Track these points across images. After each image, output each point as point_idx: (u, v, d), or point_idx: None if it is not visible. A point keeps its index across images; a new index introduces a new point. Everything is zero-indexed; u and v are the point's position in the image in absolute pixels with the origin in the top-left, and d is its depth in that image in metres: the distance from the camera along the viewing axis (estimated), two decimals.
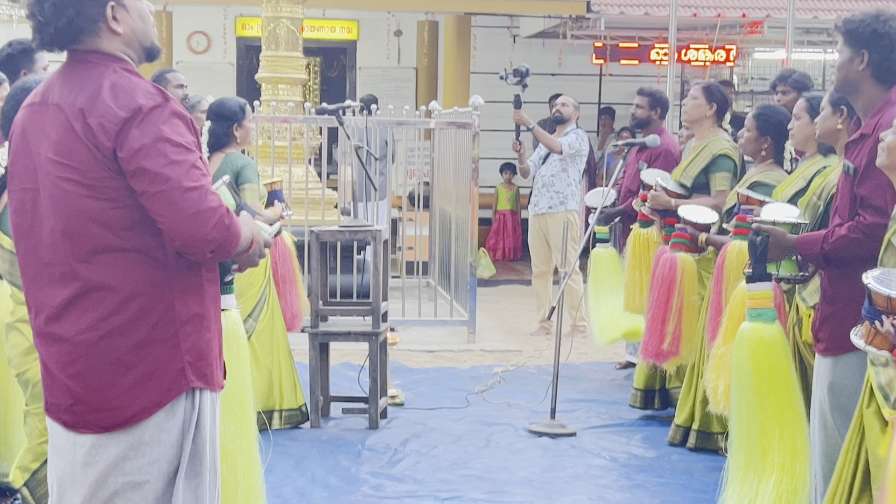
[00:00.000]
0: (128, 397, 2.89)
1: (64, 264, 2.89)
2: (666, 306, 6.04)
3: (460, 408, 7.05)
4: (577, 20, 13.46)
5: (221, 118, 6.23)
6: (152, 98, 2.86)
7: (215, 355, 3.05)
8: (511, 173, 14.16)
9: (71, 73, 2.94)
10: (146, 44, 3.02)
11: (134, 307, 2.88)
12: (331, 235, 6.69)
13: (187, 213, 2.81)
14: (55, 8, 2.87)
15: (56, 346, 2.92)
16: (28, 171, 2.94)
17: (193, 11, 14.42)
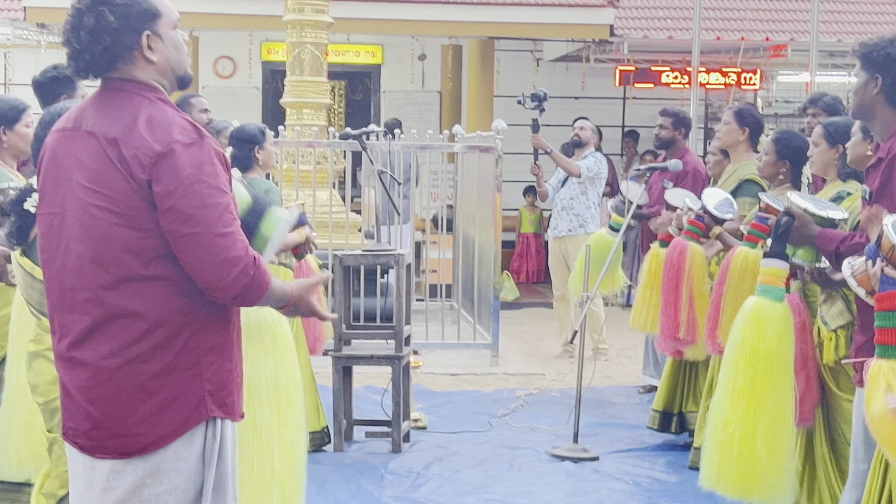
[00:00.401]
0: (147, 424, 2.90)
1: (89, 290, 2.89)
2: (676, 293, 6.05)
3: (483, 431, 7.06)
4: (600, 44, 13.51)
5: (242, 142, 6.29)
6: (188, 134, 2.88)
7: (237, 385, 3.06)
8: (534, 196, 14.18)
9: (105, 100, 2.96)
10: (179, 72, 3.04)
11: (158, 335, 2.89)
12: (354, 259, 6.73)
13: (214, 259, 2.84)
14: (91, 36, 2.90)
15: (77, 370, 2.93)
16: (57, 195, 2.96)
17: (219, 36, 14.54)
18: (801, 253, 4.39)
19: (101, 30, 2.89)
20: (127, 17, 2.91)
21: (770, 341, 4.33)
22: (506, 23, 13.04)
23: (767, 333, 4.34)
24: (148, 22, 2.95)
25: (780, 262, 4.38)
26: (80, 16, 2.91)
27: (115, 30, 2.90)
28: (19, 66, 14.31)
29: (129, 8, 2.92)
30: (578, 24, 13.03)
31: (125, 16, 2.91)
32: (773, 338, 4.34)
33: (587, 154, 9.32)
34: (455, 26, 13.21)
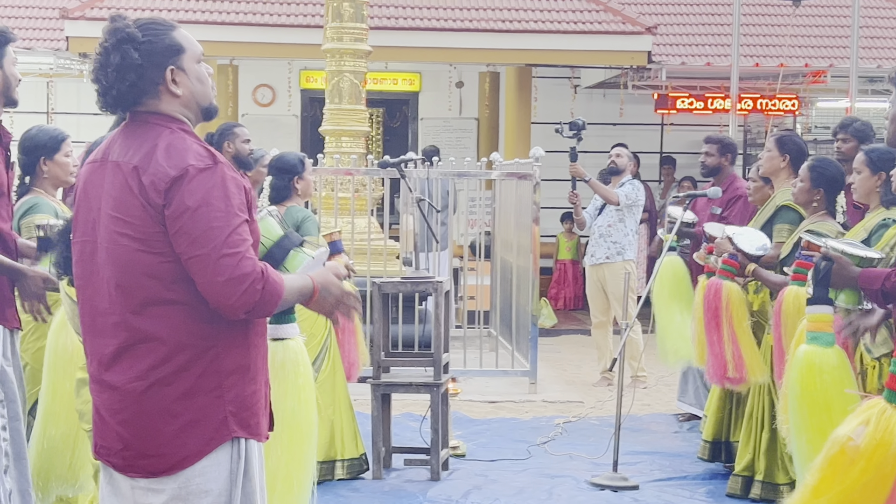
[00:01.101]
0: (173, 445, 2.99)
1: (116, 314, 3.00)
2: (718, 332, 6.02)
3: (522, 459, 7.03)
4: (638, 70, 13.51)
5: (281, 172, 6.34)
6: (202, 160, 2.97)
7: (261, 406, 3.13)
8: (571, 223, 14.16)
9: (130, 132, 3.07)
10: (204, 104, 3.14)
11: (180, 358, 2.97)
12: (393, 287, 6.74)
13: (219, 279, 2.90)
14: (117, 73, 3.01)
15: (107, 393, 3.03)
16: (87, 224, 3.08)
17: (259, 65, 14.66)
18: (843, 297, 4.36)
19: (127, 67, 3.00)
20: (151, 54, 3.03)
21: (829, 387, 4.31)
22: (543, 50, 13.07)
23: (825, 380, 4.32)
24: (172, 57, 3.06)
25: (826, 308, 4.37)
26: (106, 54, 3.02)
27: (140, 66, 3.01)
28: (61, 95, 14.49)
29: (152, 45, 3.03)
30: (616, 51, 13.04)
31: (149, 52, 3.02)
32: (832, 383, 4.32)
33: (625, 181, 9.31)
34: (492, 54, 13.26)
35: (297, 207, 6.31)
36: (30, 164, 5.18)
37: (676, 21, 14.68)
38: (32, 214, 5.06)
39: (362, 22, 10.08)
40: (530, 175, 9.23)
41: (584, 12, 13.30)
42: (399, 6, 13.35)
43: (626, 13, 13.23)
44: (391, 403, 6.82)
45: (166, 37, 3.06)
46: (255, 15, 12.93)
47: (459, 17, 13.16)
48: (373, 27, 10.81)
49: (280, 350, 4.55)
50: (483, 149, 14.88)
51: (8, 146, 4.59)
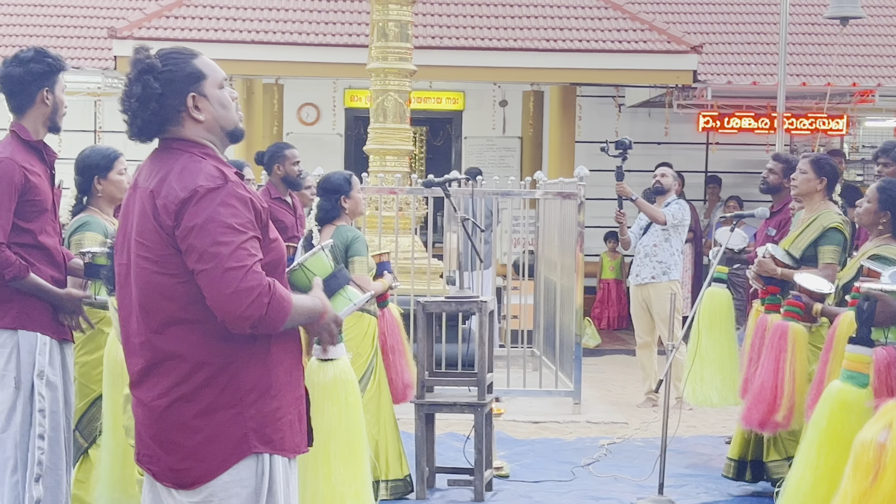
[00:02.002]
0: (194, 459, 3.08)
1: (142, 335, 3.12)
2: (776, 376, 5.91)
3: (566, 481, 6.98)
4: (683, 89, 13.45)
5: (328, 192, 6.35)
6: (212, 180, 3.05)
7: (288, 421, 3.18)
8: (615, 242, 14.10)
9: (156, 159, 3.18)
10: (228, 128, 3.22)
11: (200, 376, 3.07)
12: (437, 306, 6.73)
13: (225, 292, 2.97)
14: (140, 103, 3.11)
15: (139, 408, 3.18)
16: (123, 248, 3.21)
17: (304, 84, 14.74)
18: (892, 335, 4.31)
19: (148, 97, 3.11)
20: (171, 83, 3.12)
21: (854, 429, 4.24)
22: (588, 69, 13.05)
23: (852, 421, 4.27)
24: (192, 84, 3.15)
25: (866, 349, 4.33)
26: (130, 85, 3.14)
27: (161, 95, 3.11)
28: (109, 114, 14.63)
29: (173, 74, 3.13)
30: (662, 69, 12.99)
31: (170, 81, 3.12)
32: (858, 425, 4.25)
33: (670, 201, 9.26)
34: (537, 73, 13.26)
35: (347, 227, 6.31)
36: (85, 184, 5.30)
37: (722, 40, 14.60)
38: (82, 232, 5.15)
39: (407, 41, 10.10)
40: (575, 194, 9.20)
41: (628, 31, 13.26)
42: (444, 25, 13.39)
43: (671, 32, 13.18)
44: (435, 423, 6.79)
45: (187, 65, 3.15)
46: (300, 35, 13.00)
47: (504, 37, 13.17)
48: (417, 46, 10.84)
49: (329, 370, 4.56)
50: (526, 168, 14.85)
51: (53, 165, 4.70)
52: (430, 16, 13.45)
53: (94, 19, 14.72)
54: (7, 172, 4.47)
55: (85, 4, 15.08)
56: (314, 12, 13.45)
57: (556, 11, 13.67)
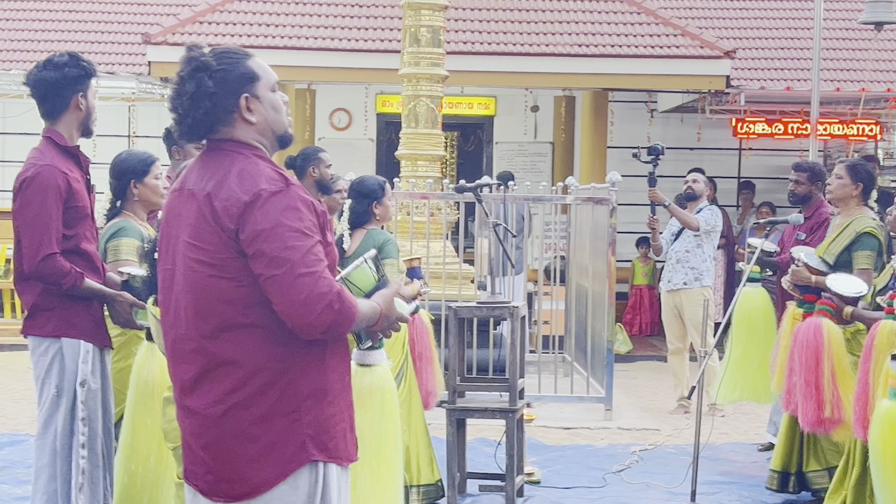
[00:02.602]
0: (251, 469, 3.00)
1: (194, 340, 3.03)
2: (816, 372, 5.90)
3: (597, 487, 6.96)
4: (716, 95, 13.39)
5: (361, 196, 6.35)
6: (274, 183, 2.99)
7: (342, 429, 3.12)
8: (647, 248, 14.05)
9: (206, 160, 3.10)
10: (279, 132, 3.16)
11: (257, 382, 2.99)
12: (469, 311, 6.72)
13: (297, 298, 2.90)
14: (192, 101, 3.04)
15: (190, 418, 3.07)
16: (168, 252, 3.12)
17: (336, 89, 14.78)
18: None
19: (201, 95, 3.04)
20: (225, 82, 3.06)
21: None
22: (620, 74, 13.02)
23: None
24: (246, 85, 3.09)
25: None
26: (182, 82, 3.06)
27: (214, 94, 3.04)
28: (143, 118, 14.73)
29: (227, 73, 3.06)
30: (694, 75, 12.94)
31: (224, 80, 3.05)
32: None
33: (702, 207, 9.22)
34: (568, 78, 13.24)
35: (378, 230, 6.32)
36: (120, 188, 5.29)
37: (756, 45, 14.54)
38: (119, 238, 5.15)
39: (439, 47, 10.11)
40: (607, 200, 9.17)
41: (661, 36, 13.22)
42: (475, 31, 13.38)
43: (704, 37, 13.13)
44: (466, 428, 6.78)
45: (241, 65, 3.08)
46: (332, 40, 13.04)
47: (535, 42, 13.16)
48: (449, 52, 10.84)
49: (367, 376, 4.55)
50: (558, 173, 14.83)
51: (88, 169, 4.71)
52: (462, 21, 13.45)
53: (129, 25, 14.84)
54: (52, 179, 4.47)
55: (119, 10, 15.20)
56: (347, 18, 13.49)
57: (589, 17, 13.65)
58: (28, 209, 4.48)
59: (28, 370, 10.88)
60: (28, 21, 14.79)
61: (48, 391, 4.54)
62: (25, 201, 4.50)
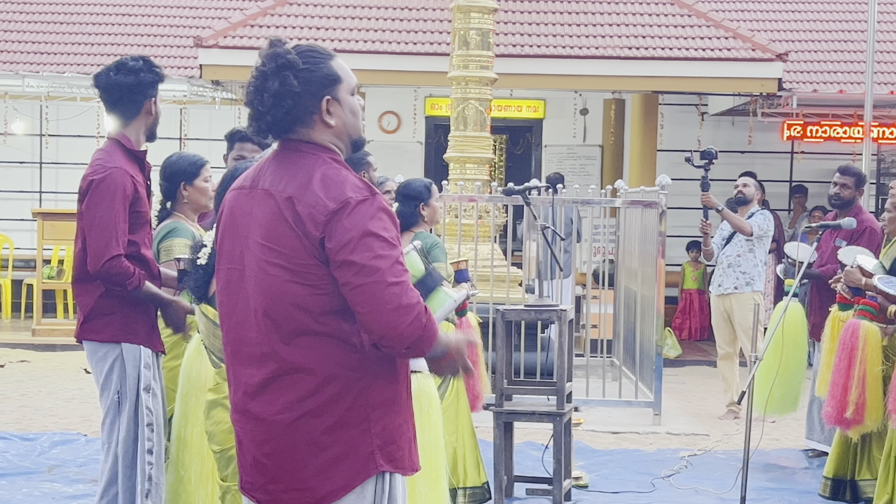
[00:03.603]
0: (320, 478, 2.93)
1: (265, 344, 2.95)
2: (847, 373, 5.91)
3: (646, 492, 6.91)
4: (768, 98, 13.27)
5: (408, 198, 6.35)
6: (360, 192, 2.92)
7: (408, 438, 3.06)
8: (697, 252, 13.94)
9: (283, 160, 3.02)
10: (355, 136, 3.09)
11: (329, 390, 2.92)
12: (517, 314, 6.70)
13: (388, 307, 2.84)
14: (275, 99, 2.96)
15: (252, 423, 2.99)
16: (234, 252, 3.03)
17: (385, 92, 14.82)
18: None
19: (285, 93, 2.96)
20: (309, 83, 2.98)
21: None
22: (670, 77, 12.93)
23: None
24: (328, 87, 3.01)
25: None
26: (264, 78, 2.98)
27: (298, 94, 2.97)
28: (194, 121, 14.86)
29: (311, 73, 2.99)
30: (746, 77, 12.82)
31: (308, 81, 2.98)
32: None
33: (754, 211, 9.14)
34: (619, 81, 13.18)
35: (425, 233, 6.32)
36: (170, 190, 5.31)
37: (809, 48, 14.40)
38: (171, 239, 5.18)
39: (488, 50, 10.11)
40: (656, 203, 9.11)
41: (712, 39, 13.13)
42: (525, 34, 13.37)
43: (756, 40, 13.01)
44: (513, 432, 6.76)
45: (325, 66, 3.01)
46: (382, 43, 13.08)
47: (585, 45, 13.12)
48: (498, 55, 10.83)
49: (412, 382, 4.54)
50: (607, 176, 14.77)
51: (149, 175, 4.73)
52: (512, 24, 13.44)
53: (180, 28, 14.98)
54: (120, 182, 4.46)
55: (171, 14, 15.35)
56: (396, 21, 13.52)
57: (639, 19, 13.58)
58: (96, 210, 4.45)
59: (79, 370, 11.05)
60: (81, 24, 14.98)
61: (108, 396, 4.54)
62: (93, 202, 4.47)
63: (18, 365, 11.40)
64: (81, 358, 11.77)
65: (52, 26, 14.94)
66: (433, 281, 3.35)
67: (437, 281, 3.36)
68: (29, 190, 15.48)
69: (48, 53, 14.39)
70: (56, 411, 9.08)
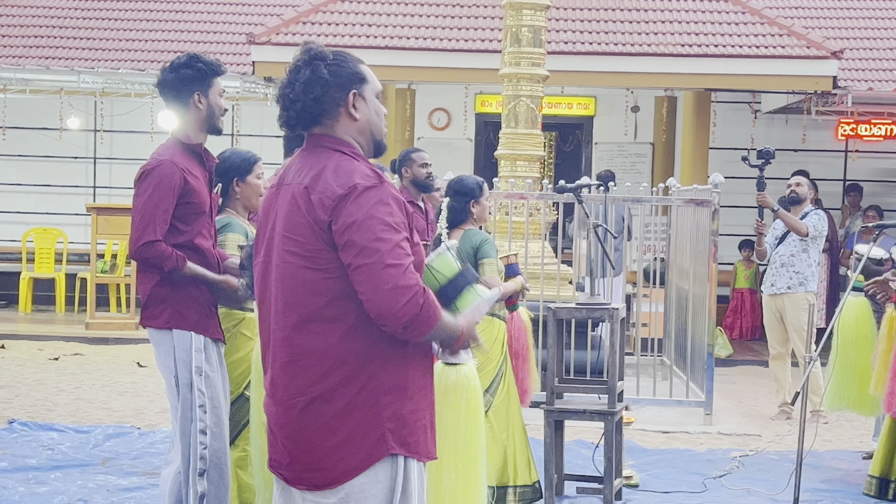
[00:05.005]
0: (332, 459, 3.07)
1: (283, 331, 3.12)
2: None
3: (697, 493, 6.86)
4: (822, 95, 13.12)
5: (459, 194, 6.35)
6: (368, 179, 3.09)
7: (423, 425, 3.18)
8: (750, 251, 13.82)
9: (306, 156, 3.21)
10: (377, 137, 3.28)
11: (339, 374, 3.06)
12: (568, 313, 6.68)
13: (384, 287, 2.98)
14: (305, 86, 3.16)
15: (275, 407, 3.16)
16: (264, 245, 3.23)
17: (435, 89, 14.83)
18: None
19: (315, 81, 3.16)
20: (338, 75, 3.18)
21: None
22: (723, 74, 12.83)
23: None
24: (356, 83, 3.22)
25: None
26: (296, 70, 3.19)
27: (327, 82, 3.16)
28: (246, 118, 14.96)
29: (340, 67, 3.19)
30: (800, 75, 12.69)
31: (336, 73, 3.18)
32: None
33: (808, 211, 9.05)
34: (671, 78, 13.09)
35: (475, 230, 6.31)
36: (224, 185, 5.36)
37: (864, 45, 14.23)
38: (224, 234, 5.23)
39: (540, 47, 10.07)
40: (709, 201, 9.04)
41: (766, 36, 13.01)
42: (576, 31, 13.32)
43: (810, 37, 12.88)
44: (564, 430, 6.75)
45: (353, 64, 3.23)
46: (433, 40, 13.08)
47: (637, 42, 13.05)
48: (550, 52, 10.80)
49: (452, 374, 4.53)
50: (658, 174, 14.68)
51: (212, 169, 4.82)
52: (563, 20, 13.39)
53: (233, 25, 15.08)
54: (168, 174, 4.60)
55: (224, 10, 15.45)
56: (447, 18, 13.52)
57: (691, 16, 13.49)
58: (139, 198, 4.63)
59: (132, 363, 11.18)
60: (135, 21, 15.12)
61: (168, 381, 4.70)
62: (139, 191, 4.65)
63: (72, 358, 11.54)
64: (134, 351, 11.96)
65: (106, 23, 15.09)
66: (465, 281, 3.42)
67: (469, 281, 3.43)
68: (83, 185, 15.67)
69: (103, 50, 14.54)
70: (109, 404, 9.18)
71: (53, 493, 6.32)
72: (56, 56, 14.28)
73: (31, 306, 14.67)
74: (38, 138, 15.32)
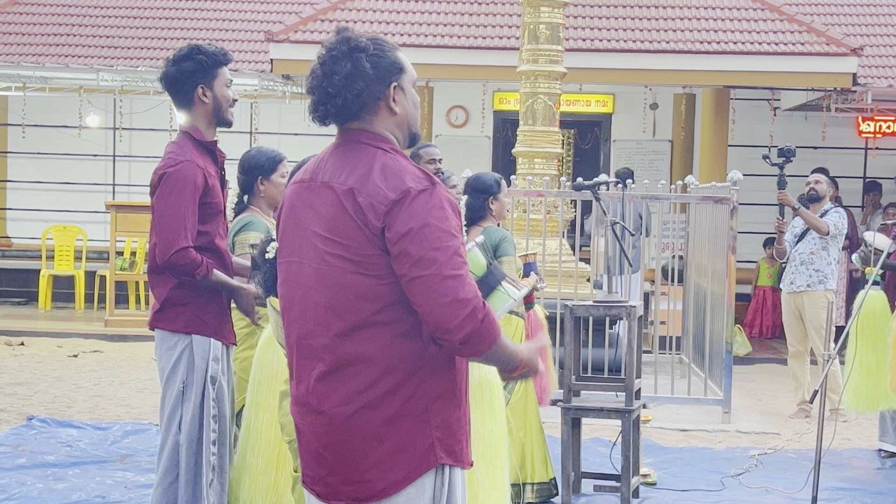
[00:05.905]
0: (378, 471, 2.89)
1: (325, 337, 2.93)
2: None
3: (715, 491, 6.84)
4: (842, 93, 13.06)
5: (477, 192, 6.34)
6: (420, 182, 2.90)
7: (465, 432, 3.03)
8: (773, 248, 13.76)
9: (343, 153, 3.00)
10: (414, 129, 3.09)
11: (388, 382, 2.89)
12: (585, 310, 6.67)
13: (442, 300, 2.81)
14: (346, 80, 2.95)
15: (312, 416, 2.96)
16: (294, 244, 3.02)
17: (453, 86, 14.83)
18: None
19: (357, 75, 2.95)
20: (379, 67, 2.98)
21: None
22: (742, 71, 12.79)
23: None
24: (395, 74, 3.01)
25: None
26: (334, 62, 2.98)
27: (370, 77, 2.97)
28: (264, 115, 14.99)
29: (380, 59, 2.99)
30: (819, 72, 12.64)
31: (377, 65, 2.98)
32: None
33: (829, 209, 9.00)
34: (689, 75, 13.05)
35: (494, 228, 6.31)
36: (248, 184, 5.34)
37: (884, 42, 14.15)
38: (246, 232, 5.22)
39: (558, 44, 10.06)
40: (727, 199, 9.01)
41: (785, 33, 12.95)
42: (594, 28, 13.29)
43: (830, 34, 12.81)
44: (581, 428, 6.73)
45: (392, 53, 3.02)
46: (451, 37, 13.08)
47: (655, 39, 13.01)
48: (568, 49, 10.78)
49: (475, 371, 4.54)
50: (676, 171, 14.65)
51: (223, 166, 4.72)
52: (582, 17, 13.37)
53: (252, 23, 15.12)
54: (191, 175, 4.44)
55: (242, 8, 15.49)
56: (465, 15, 13.52)
57: (710, 13, 13.45)
58: (165, 203, 4.45)
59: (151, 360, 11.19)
60: (153, 20, 15.17)
61: (173, 386, 4.53)
62: (163, 195, 4.46)
63: (91, 355, 11.58)
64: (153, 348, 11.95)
65: (126, 21, 15.15)
66: (494, 279, 3.33)
67: (497, 279, 3.34)
68: (102, 182, 15.74)
69: (122, 48, 14.60)
70: (128, 401, 9.21)
71: (72, 489, 6.35)
72: (75, 54, 14.34)
73: (50, 303, 14.75)
74: (58, 136, 15.39)
